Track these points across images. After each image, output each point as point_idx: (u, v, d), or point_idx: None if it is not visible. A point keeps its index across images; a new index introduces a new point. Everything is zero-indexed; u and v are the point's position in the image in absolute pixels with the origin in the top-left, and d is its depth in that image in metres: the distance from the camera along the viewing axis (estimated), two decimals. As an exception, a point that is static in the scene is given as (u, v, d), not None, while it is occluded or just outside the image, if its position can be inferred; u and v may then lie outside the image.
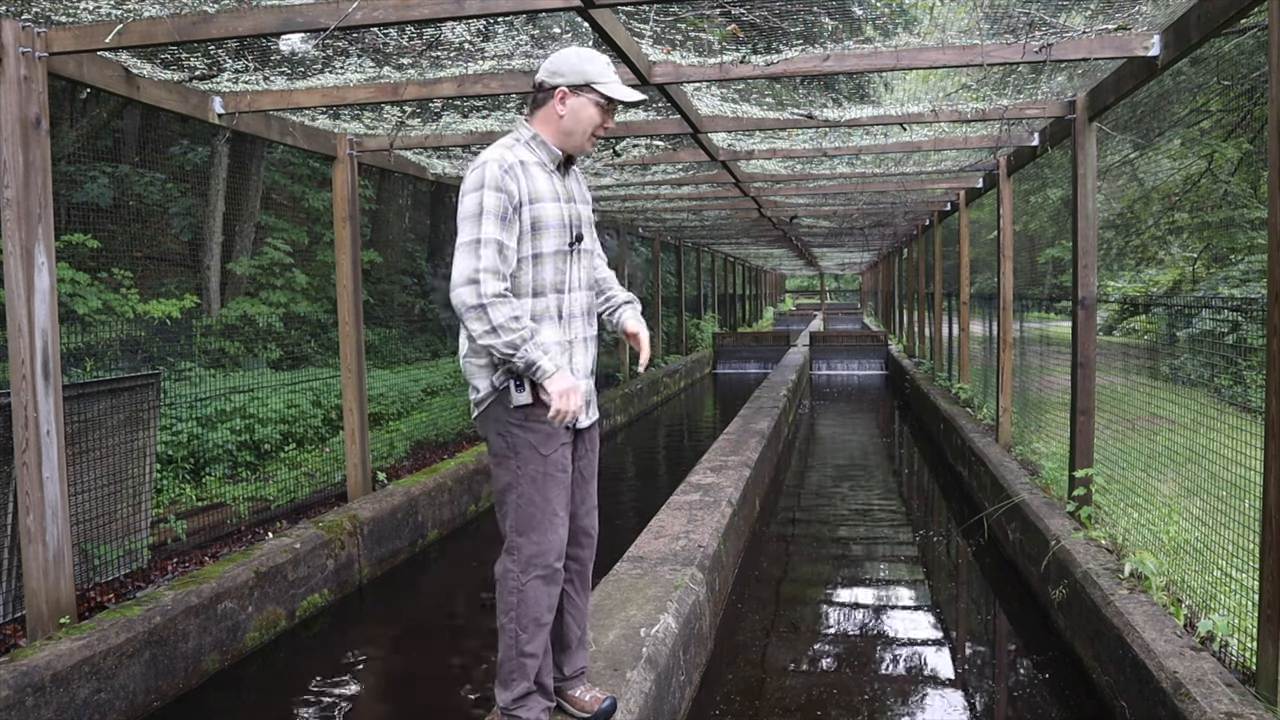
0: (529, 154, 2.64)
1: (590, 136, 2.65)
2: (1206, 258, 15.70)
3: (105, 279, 8.15)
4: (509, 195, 2.53)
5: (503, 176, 2.53)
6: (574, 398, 2.52)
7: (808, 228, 15.30)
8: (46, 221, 3.83)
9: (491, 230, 2.50)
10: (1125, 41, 4.09)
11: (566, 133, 2.63)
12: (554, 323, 2.66)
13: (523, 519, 2.61)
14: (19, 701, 3.31)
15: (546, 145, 2.66)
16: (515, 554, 2.63)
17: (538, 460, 2.61)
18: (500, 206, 2.52)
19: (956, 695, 4.05)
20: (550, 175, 2.66)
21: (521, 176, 2.57)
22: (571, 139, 2.64)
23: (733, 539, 5.49)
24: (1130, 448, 5.05)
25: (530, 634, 2.62)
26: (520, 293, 2.61)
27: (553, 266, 2.64)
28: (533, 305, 2.62)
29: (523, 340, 2.48)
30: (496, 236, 2.50)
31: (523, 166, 2.58)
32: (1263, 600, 2.94)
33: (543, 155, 2.66)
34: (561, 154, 2.68)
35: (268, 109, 4.97)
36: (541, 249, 2.61)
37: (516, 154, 2.60)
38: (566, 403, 2.51)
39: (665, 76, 4.57)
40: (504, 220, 2.52)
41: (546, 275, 2.63)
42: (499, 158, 2.56)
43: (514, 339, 2.47)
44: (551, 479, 2.62)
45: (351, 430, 6.18)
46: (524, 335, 2.48)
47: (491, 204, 2.51)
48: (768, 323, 36.85)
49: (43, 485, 3.80)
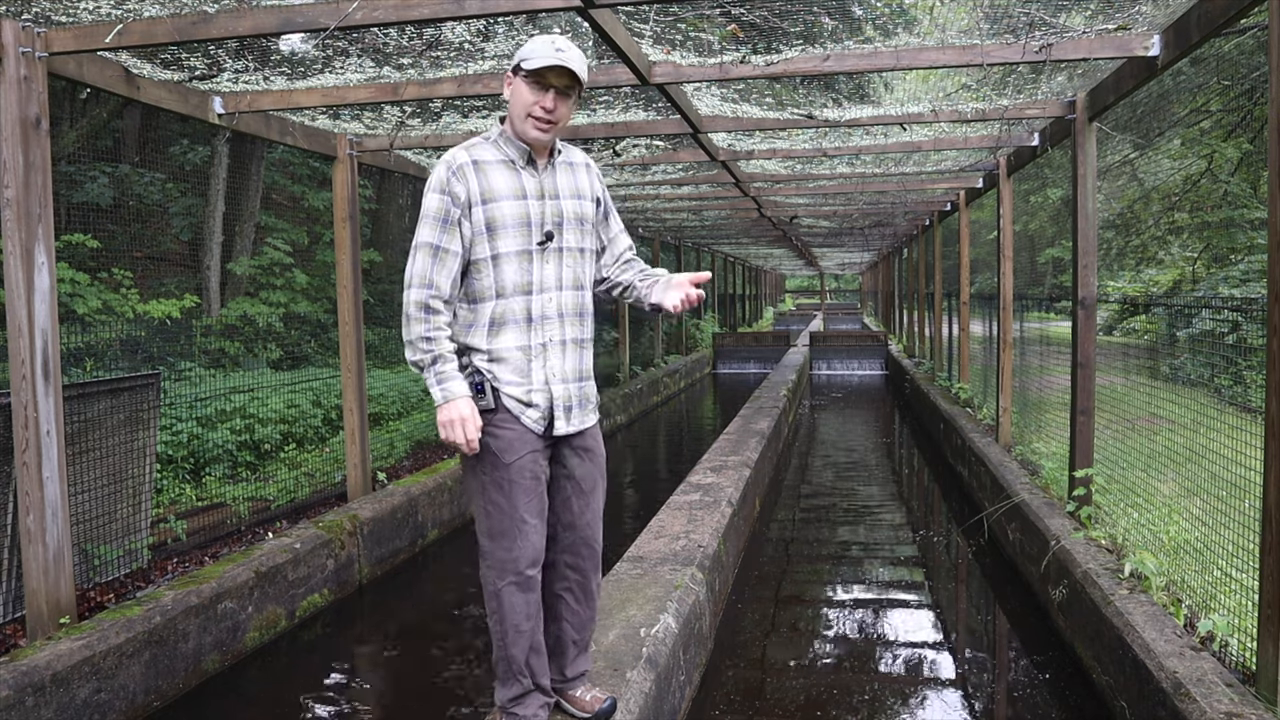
0: (492, 152, 2.58)
1: (529, 118, 2.52)
2: (1206, 258, 15.70)
3: (105, 279, 8.15)
4: (453, 197, 2.51)
5: (449, 179, 2.51)
6: (457, 429, 2.48)
7: (808, 228, 15.29)
8: (46, 221, 3.83)
9: (426, 234, 2.51)
10: (1125, 41, 4.08)
11: (518, 118, 2.56)
12: (519, 326, 2.58)
13: (492, 525, 2.60)
14: (19, 701, 3.31)
15: (513, 140, 2.60)
16: (488, 559, 2.62)
17: (502, 467, 2.56)
18: (441, 209, 2.51)
19: (956, 695, 4.05)
20: (517, 171, 2.58)
21: (472, 176, 2.52)
22: (516, 123, 2.57)
23: (733, 539, 5.49)
24: (1130, 448, 5.05)
25: (512, 639, 2.62)
26: (483, 295, 2.57)
27: (516, 267, 2.56)
28: (494, 307, 2.56)
29: (423, 364, 2.51)
30: (430, 240, 2.50)
31: (475, 166, 2.54)
32: (1263, 600, 2.94)
33: (510, 151, 2.60)
34: (528, 147, 2.60)
35: (268, 109, 4.96)
36: (499, 249, 2.54)
37: (474, 153, 2.57)
38: (448, 433, 2.50)
39: (665, 76, 4.57)
40: (444, 224, 2.51)
41: (508, 276, 2.56)
42: (449, 159, 2.54)
43: (415, 359, 2.52)
44: (518, 485, 2.57)
45: (351, 430, 6.18)
46: (424, 360, 2.50)
47: (431, 207, 2.52)
48: (768, 323, 36.85)
49: (43, 485, 3.80)
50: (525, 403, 2.59)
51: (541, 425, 2.62)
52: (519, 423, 2.58)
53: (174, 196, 10.96)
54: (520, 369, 2.58)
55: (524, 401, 2.58)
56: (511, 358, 2.57)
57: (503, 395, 2.57)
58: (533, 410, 2.60)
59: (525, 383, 2.58)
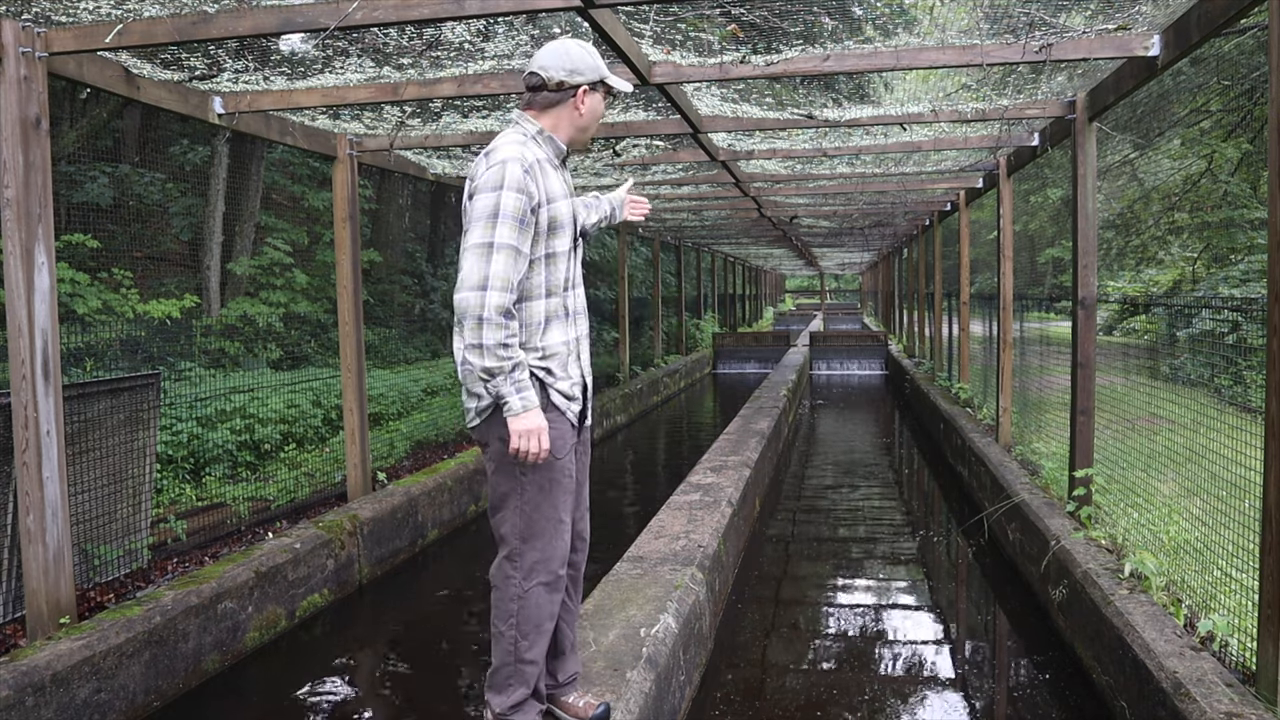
0: (539, 150, 2.57)
1: (590, 129, 2.66)
2: (1206, 258, 15.70)
3: (105, 279, 8.15)
4: (529, 197, 2.43)
5: (524, 177, 2.42)
6: (534, 440, 2.41)
7: (808, 228, 15.29)
8: (46, 221, 3.83)
9: (508, 235, 2.38)
10: (1125, 41, 4.08)
11: (582, 129, 2.61)
12: (562, 322, 2.61)
13: (528, 526, 2.56)
14: (19, 701, 3.31)
15: (554, 141, 2.60)
16: (517, 561, 2.57)
17: (547, 466, 2.55)
18: (520, 210, 2.40)
19: (956, 695, 4.05)
20: (559, 170, 2.63)
21: (540, 176, 2.49)
22: (585, 134, 2.62)
23: (733, 539, 5.49)
24: (1130, 448, 5.05)
25: (531, 640, 2.58)
26: (533, 294, 2.54)
27: (563, 265, 2.60)
28: (545, 306, 2.56)
29: (502, 371, 2.38)
30: (512, 242, 2.39)
31: (539, 165, 2.51)
32: (1263, 600, 2.94)
33: (549, 151, 2.60)
34: (566, 150, 2.65)
35: (268, 109, 4.96)
36: (555, 248, 2.56)
37: (533, 150, 2.52)
38: (525, 443, 2.41)
39: (665, 76, 4.57)
40: (522, 224, 2.41)
41: (559, 274, 2.58)
42: (519, 156, 2.44)
43: (494, 366, 2.37)
44: (559, 485, 2.58)
45: (351, 430, 6.18)
46: (504, 367, 2.37)
47: (511, 206, 2.39)
48: (767, 323, 36.86)
49: (43, 485, 3.80)
50: (569, 396, 2.62)
51: (578, 418, 2.67)
52: (564, 419, 2.61)
53: (174, 196, 10.96)
54: (564, 364, 2.62)
55: (568, 396, 2.62)
56: (560, 353, 2.59)
57: (552, 392, 2.57)
58: (574, 404, 2.64)
59: (569, 377, 2.63)
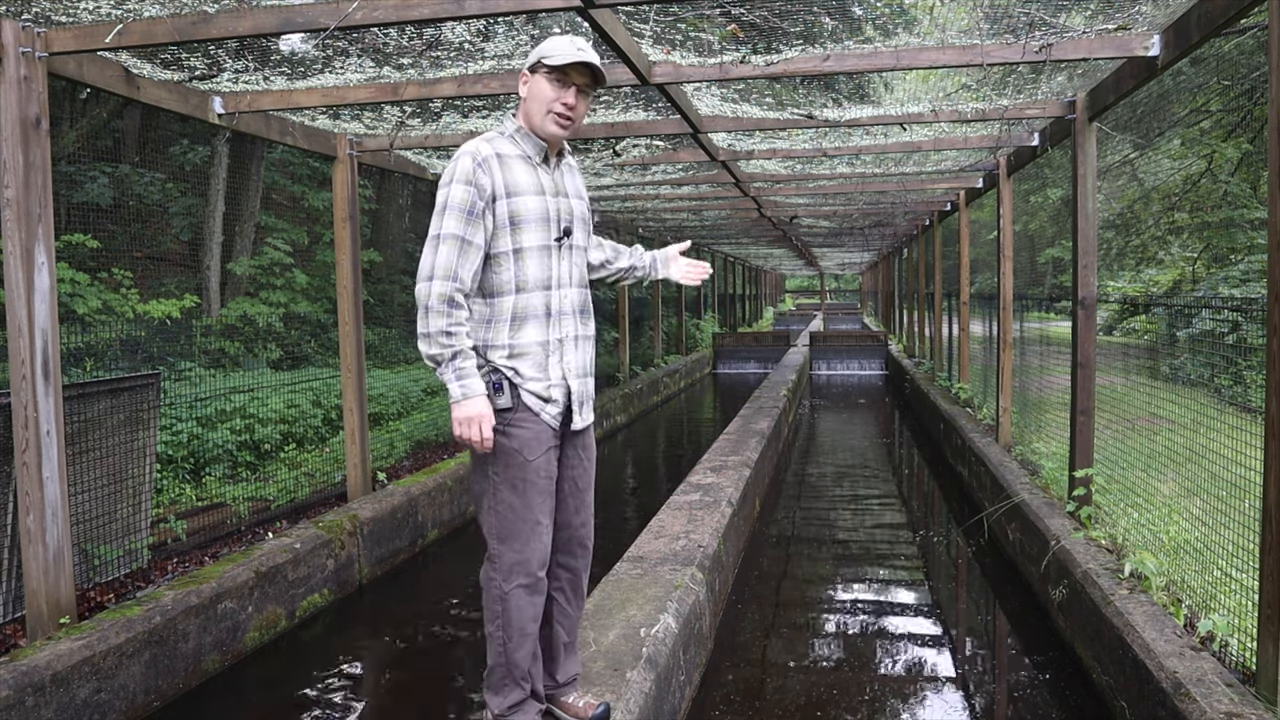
0: (511, 147, 2.60)
1: (549, 114, 2.56)
2: (1206, 258, 15.70)
3: (105, 279, 8.15)
4: (479, 189, 2.49)
5: (474, 170, 2.49)
6: (473, 428, 2.46)
7: (808, 228, 15.29)
8: (46, 221, 3.83)
9: (453, 226, 2.47)
10: (1125, 41, 4.08)
11: (530, 114, 2.59)
12: (540, 321, 2.59)
13: (503, 526, 2.57)
14: (19, 701, 3.31)
15: (531, 137, 2.61)
16: (496, 562, 2.59)
17: (518, 465, 2.55)
18: (466, 201, 2.48)
19: (956, 695, 4.05)
20: (535, 168, 2.61)
21: (497, 169, 2.52)
22: (534, 120, 2.59)
23: (733, 539, 5.49)
24: (1130, 448, 5.05)
25: (517, 643, 2.59)
26: (502, 290, 2.56)
27: (537, 261, 2.58)
28: (515, 301, 2.56)
29: (443, 359, 2.45)
30: (457, 232, 2.46)
31: (500, 159, 2.54)
32: (1263, 600, 2.94)
33: (526, 147, 2.61)
34: (545, 144, 2.63)
35: (268, 109, 4.96)
36: (523, 243, 2.56)
37: (495, 146, 2.57)
38: (466, 430, 2.46)
39: (665, 76, 4.57)
40: (470, 215, 2.48)
41: (530, 271, 2.57)
42: (473, 150, 2.52)
43: (435, 353, 2.45)
44: (533, 485, 2.56)
45: (351, 430, 6.18)
46: (445, 355, 2.44)
47: (457, 198, 2.48)
48: (767, 323, 36.85)
49: (43, 485, 3.80)
50: (545, 398, 2.59)
51: (558, 421, 2.63)
52: (538, 420, 2.58)
53: (174, 196, 10.96)
54: (540, 364, 2.59)
55: (544, 397, 2.59)
56: (533, 353, 2.58)
57: (523, 392, 2.56)
58: (552, 406, 2.61)
59: (545, 378, 2.60)
